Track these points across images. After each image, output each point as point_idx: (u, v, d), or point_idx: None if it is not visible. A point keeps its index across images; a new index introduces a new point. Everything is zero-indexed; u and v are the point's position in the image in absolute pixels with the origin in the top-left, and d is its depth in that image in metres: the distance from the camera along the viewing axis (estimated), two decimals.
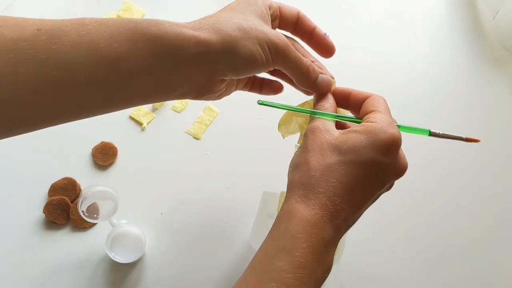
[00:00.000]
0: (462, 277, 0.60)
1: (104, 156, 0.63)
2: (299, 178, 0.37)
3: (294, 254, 0.34)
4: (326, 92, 0.43)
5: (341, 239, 0.38)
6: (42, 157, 0.63)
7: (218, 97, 0.43)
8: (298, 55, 0.40)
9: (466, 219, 0.63)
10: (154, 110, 0.67)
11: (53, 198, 0.60)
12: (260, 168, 0.63)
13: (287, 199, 0.37)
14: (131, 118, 0.66)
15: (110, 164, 0.63)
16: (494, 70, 0.74)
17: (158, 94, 0.37)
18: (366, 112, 0.40)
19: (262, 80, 0.48)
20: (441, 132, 0.41)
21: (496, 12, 0.75)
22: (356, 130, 0.38)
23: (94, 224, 0.59)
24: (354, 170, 0.36)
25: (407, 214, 0.63)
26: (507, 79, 0.73)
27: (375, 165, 0.37)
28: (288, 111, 0.45)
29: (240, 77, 0.40)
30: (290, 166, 0.40)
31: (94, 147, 0.64)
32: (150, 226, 0.60)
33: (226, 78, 0.39)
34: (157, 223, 0.60)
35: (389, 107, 0.40)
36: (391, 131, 0.37)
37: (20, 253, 0.58)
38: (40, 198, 0.61)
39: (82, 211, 0.52)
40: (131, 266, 0.58)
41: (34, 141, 0.63)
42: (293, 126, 0.45)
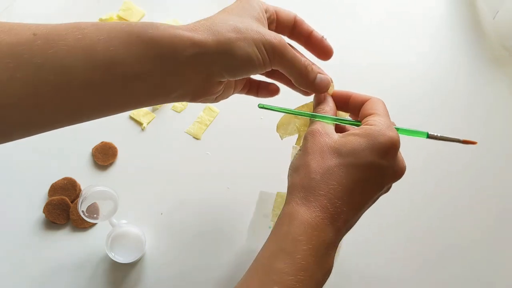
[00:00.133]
0: (462, 277, 0.60)
1: (104, 156, 0.63)
2: (300, 181, 0.37)
3: (295, 256, 0.34)
4: (324, 91, 0.43)
5: None
6: (42, 157, 0.63)
7: (215, 99, 0.43)
8: (295, 54, 0.40)
9: (466, 220, 0.63)
10: (154, 110, 0.67)
11: (53, 198, 0.60)
12: (260, 168, 0.63)
13: (288, 202, 0.37)
14: (131, 118, 0.66)
15: (110, 164, 0.63)
16: (494, 70, 0.74)
17: (155, 97, 0.37)
18: (365, 115, 0.40)
19: (259, 83, 0.49)
20: (439, 134, 0.41)
21: (496, 12, 0.75)
22: (355, 133, 0.38)
23: (94, 224, 0.60)
24: (353, 173, 0.36)
25: (407, 214, 0.63)
26: (507, 79, 0.73)
27: (374, 167, 0.37)
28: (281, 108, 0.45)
29: (237, 78, 0.40)
30: (290, 168, 0.40)
31: (94, 147, 0.64)
32: (150, 226, 0.60)
33: (223, 80, 0.39)
34: (157, 223, 0.60)
35: (387, 110, 0.41)
36: (390, 134, 0.38)
37: (20, 253, 0.58)
38: (40, 198, 0.61)
39: (82, 211, 0.52)
40: (131, 266, 0.58)
41: (34, 141, 0.62)
42: (291, 127, 0.45)
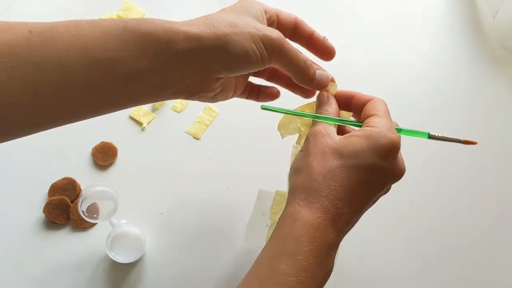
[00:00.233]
0: (461, 277, 0.60)
1: (104, 156, 0.63)
2: (301, 182, 0.37)
3: (297, 257, 0.34)
4: (324, 87, 0.43)
5: None
6: (42, 157, 0.63)
7: (213, 98, 0.42)
8: (294, 49, 0.40)
9: (466, 220, 0.63)
10: (154, 110, 0.67)
11: (53, 198, 0.60)
12: (260, 168, 0.63)
13: (290, 203, 0.37)
14: (131, 118, 0.66)
15: (110, 164, 0.63)
16: (494, 70, 0.74)
17: (151, 93, 0.37)
18: (366, 115, 0.40)
19: (259, 87, 0.48)
20: (440, 134, 0.42)
21: (496, 12, 0.75)
22: (356, 135, 0.38)
23: (94, 224, 0.60)
24: (355, 174, 0.37)
25: (406, 215, 0.63)
26: (507, 79, 0.73)
27: (375, 169, 0.37)
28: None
29: (234, 74, 0.39)
30: (291, 169, 0.40)
31: (94, 147, 0.64)
32: (150, 226, 0.60)
33: (220, 76, 0.39)
34: (157, 223, 0.60)
35: (389, 111, 0.41)
36: (391, 136, 0.38)
37: (20, 253, 0.58)
38: (40, 198, 0.61)
39: (82, 211, 0.52)
40: (131, 266, 0.58)
41: (34, 141, 0.62)
42: (292, 127, 0.45)
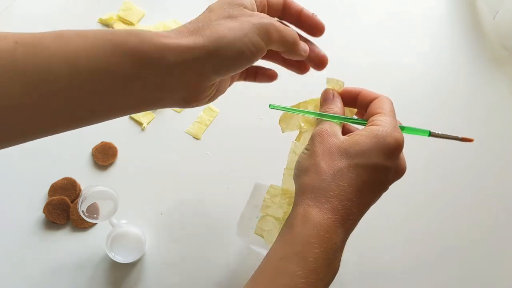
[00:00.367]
0: (461, 277, 0.60)
1: (104, 156, 0.63)
2: (310, 182, 0.37)
3: (307, 259, 0.34)
4: (306, 55, 0.42)
5: None
6: (42, 157, 0.63)
7: (210, 100, 0.41)
8: (284, 29, 0.39)
9: (466, 220, 0.63)
10: (154, 110, 0.67)
11: (53, 198, 0.60)
12: (260, 168, 0.63)
13: (299, 203, 0.37)
14: (131, 118, 0.66)
15: (110, 164, 0.63)
16: (494, 70, 0.74)
17: (141, 106, 0.37)
18: (372, 113, 0.40)
19: (256, 69, 0.47)
20: (439, 132, 0.42)
21: (496, 12, 0.75)
22: (362, 134, 0.38)
23: (94, 224, 0.60)
24: (362, 174, 0.37)
25: (406, 215, 0.63)
26: (507, 79, 0.73)
27: (381, 168, 0.37)
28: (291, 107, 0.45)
29: (230, 75, 0.38)
30: (296, 169, 0.39)
31: (94, 147, 0.64)
32: (150, 226, 0.60)
33: (214, 82, 0.38)
34: (157, 223, 0.60)
35: (394, 109, 0.41)
36: (396, 135, 0.38)
37: (20, 253, 0.58)
38: (40, 198, 0.61)
39: (82, 211, 0.52)
40: (131, 266, 0.58)
41: (34, 141, 0.63)
42: (293, 122, 0.45)
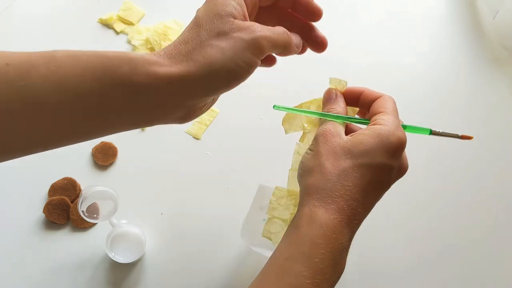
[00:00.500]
0: (462, 276, 0.60)
1: (104, 156, 0.63)
2: (315, 182, 0.37)
3: (313, 259, 0.34)
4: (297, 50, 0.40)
5: None
6: (42, 157, 0.62)
7: (208, 108, 0.41)
8: (275, 35, 0.37)
9: (466, 219, 0.63)
10: None
11: (53, 198, 0.60)
12: (260, 168, 0.63)
13: (305, 203, 0.37)
14: None
15: (110, 164, 0.63)
16: (494, 70, 0.74)
17: (134, 127, 0.36)
18: (374, 112, 0.40)
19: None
20: (440, 130, 0.42)
21: (496, 12, 0.75)
22: (366, 133, 0.38)
23: (94, 224, 0.60)
24: (366, 173, 0.36)
25: (407, 214, 0.63)
26: (507, 79, 0.73)
27: (385, 167, 0.37)
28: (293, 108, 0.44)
29: (223, 93, 0.38)
30: (300, 169, 0.39)
31: (94, 147, 0.64)
32: (150, 226, 0.60)
33: (208, 101, 0.38)
34: (157, 223, 0.60)
35: (397, 108, 0.41)
36: (399, 134, 0.38)
37: (20, 253, 0.58)
38: (40, 198, 0.61)
39: (82, 211, 0.52)
40: (131, 266, 0.58)
41: None
42: (296, 123, 0.45)
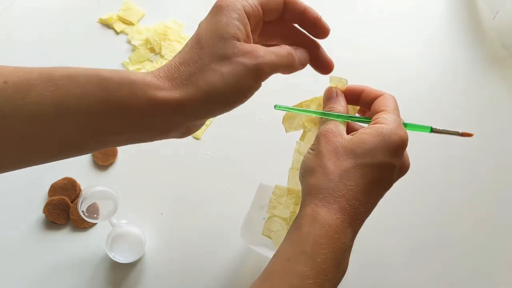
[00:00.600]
0: (462, 276, 0.60)
1: (104, 156, 0.63)
2: (316, 182, 0.37)
3: (316, 260, 0.34)
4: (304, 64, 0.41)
5: None
6: None
7: (203, 124, 0.41)
8: (277, 57, 0.37)
9: (465, 219, 0.63)
10: None
11: (53, 198, 0.60)
12: (260, 168, 0.63)
13: (307, 203, 0.37)
14: None
15: (110, 164, 0.63)
16: (494, 70, 0.74)
17: (133, 142, 0.37)
18: (376, 111, 0.40)
19: None
20: (441, 128, 0.42)
21: (496, 12, 0.75)
22: (367, 133, 0.38)
23: (94, 224, 0.59)
24: (368, 173, 0.36)
25: (406, 214, 0.63)
26: (507, 79, 0.73)
27: (387, 166, 0.37)
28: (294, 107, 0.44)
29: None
30: (302, 169, 0.39)
31: None
32: (150, 226, 0.60)
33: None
34: (157, 223, 0.60)
35: (398, 107, 0.41)
36: (401, 133, 0.38)
37: (20, 253, 0.58)
38: (40, 198, 0.61)
39: (82, 211, 0.52)
40: (131, 266, 0.58)
41: None
42: (297, 122, 0.45)
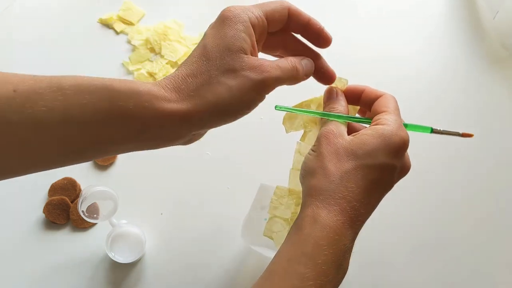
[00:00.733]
0: (461, 275, 0.60)
1: None
2: (317, 184, 0.37)
3: (316, 261, 0.34)
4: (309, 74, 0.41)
5: None
6: None
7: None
8: (282, 70, 0.38)
9: (466, 219, 0.63)
10: None
11: (53, 198, 0.60)
12: (260, 168, 0.63)
13: (308, 205, 0.37)
14: None
15: (110, 164, 0.63)
16: (493, 70, 0.74)
17: (137, 150, 0.37)
18: (376, 111, 0.40)
19: None
20: (441, 129, 0.42)
21: (496, 12, 0.75)
22: (368, 134, 0.38)
23: (94, 224, 0.59)
24: (369, 174, 0.36)
25: (406, 213, 0.63)
26: (507, 78, 0.73)
27: (388, 168, 0.37)
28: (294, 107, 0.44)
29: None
30: (303, 170, 0.39)
31: None
32: (150, 226, 0.60)
33: None
34: (157, 223, 0.60)
35: (399, 107, 0.41)
36: (402, 134, 0.38)
37: (20, 253, 0.58)
38: (40, 198, 0.61)
39: (82, 211, 0.52)
40: (131, 266, 0.58)
41: None
42: (297, 122, 0.45)
